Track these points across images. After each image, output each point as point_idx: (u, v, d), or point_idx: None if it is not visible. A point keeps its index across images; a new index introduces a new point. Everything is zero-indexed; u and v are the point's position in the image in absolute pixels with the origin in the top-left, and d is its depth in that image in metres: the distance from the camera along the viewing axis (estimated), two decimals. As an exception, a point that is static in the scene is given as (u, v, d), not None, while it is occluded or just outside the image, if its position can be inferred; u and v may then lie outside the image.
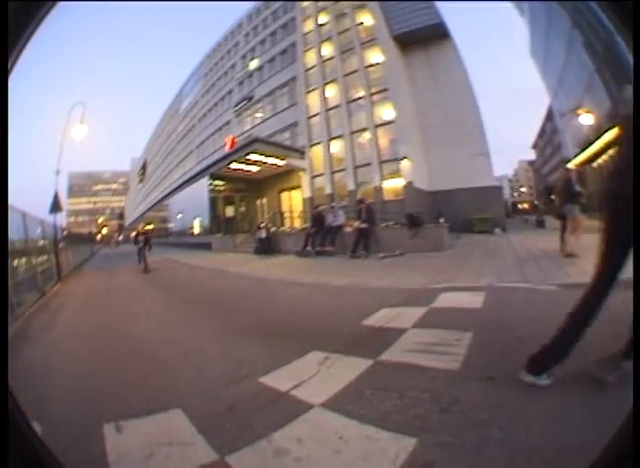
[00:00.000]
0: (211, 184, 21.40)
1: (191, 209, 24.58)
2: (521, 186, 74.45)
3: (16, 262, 5.74)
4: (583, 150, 19.98)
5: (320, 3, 23.51)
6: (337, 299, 4.59)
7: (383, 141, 18.38)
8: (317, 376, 2.07)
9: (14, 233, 5.57)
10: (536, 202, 39.93)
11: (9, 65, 0.69)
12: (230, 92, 28.57)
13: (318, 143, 20.15)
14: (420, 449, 1.20)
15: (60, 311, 5.30)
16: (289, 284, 6.04)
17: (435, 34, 20.02)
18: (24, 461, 0.57)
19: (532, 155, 64.87)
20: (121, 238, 55.88)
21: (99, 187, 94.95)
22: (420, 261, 7.51)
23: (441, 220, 13.39)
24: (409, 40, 20.85)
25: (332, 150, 19.79)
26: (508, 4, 30.41)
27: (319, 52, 21.84)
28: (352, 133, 19.12)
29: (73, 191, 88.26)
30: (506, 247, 9.44)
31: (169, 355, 2.75)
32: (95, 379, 2.32)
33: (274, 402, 1.77)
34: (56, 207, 9.89)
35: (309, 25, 23.32)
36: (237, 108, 26.62)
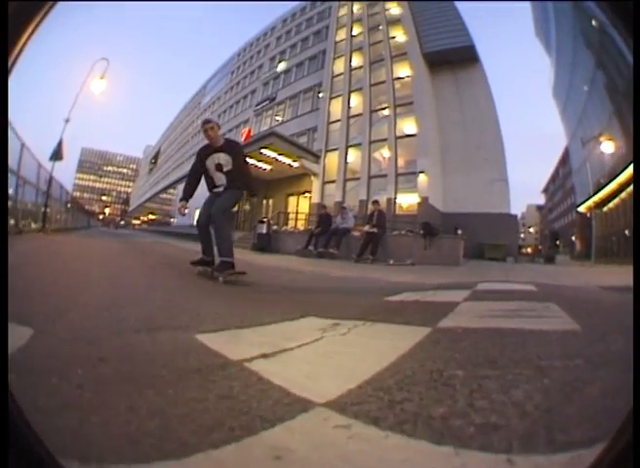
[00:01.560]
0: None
1: (195, 201, 25.22)
2: (529, 227, 75.00)
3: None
4: (600, 190, 20.24)
5: (356, 14, 24.68)
6: (346, 284, 4.41)
7: (403, 154, 18.75)
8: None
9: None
10: (540, 246, 40.01)
11: (9, 65, 0.69)
12: (254, 91, 29.53)
13: (335, 150, 20.51)
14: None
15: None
16: (286, 270, 5.78)
17: (465, 56, 20.55)
18: (25, 461, 0.57)
19: (541, 200, 65.14)
20: (122, 222, 56.87)
21: (109, 168, 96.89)
22: (435, 270, 7.16)
23: (459, 232, 13.54)
24: (438, 59, 21.29)
25: (348, 158, 20.14)
26: (537, 40, 31.28)
27: (349, 60, 22.62)
28: (372, 142, 19.52)
29: (83, 167, 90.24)
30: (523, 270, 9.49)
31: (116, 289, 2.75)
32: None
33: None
34: (57, 155, 9.90)
35: (342, 35, 24.32)
36: (258, 108, 27.47)
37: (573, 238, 24.33)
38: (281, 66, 27.45)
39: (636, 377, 0.65)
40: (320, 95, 22.49)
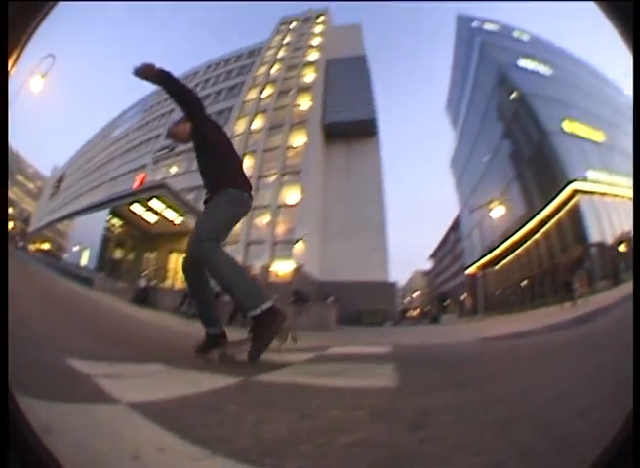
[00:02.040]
0: (109, 220, 20.89)
1: (85, 240, 23.55)
2: (414, 292, 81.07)
3: None
4: (492, 250, 22.76)
5: (272, 75, 26.09)
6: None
7: (283, 221, 19.37)
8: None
9: None
10: (426, 309, 43.27)
11: (9, 65, 0.71)
12: (158, 136, 29.22)
13: None
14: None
15: None
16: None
17: (364, 130, 22.56)
18: (25, 461, 0.58)
19: (428, 265, 70.75)
20: (21, 244, 50.18)
21: (19, 178, 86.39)
22: (303, 335, 7.45)
23: (329, 300, 14.03)
24: (336, 130, 22.91)
25: None
26: (445, 115, 35.23)
27: (250, 121, 23.47)
28: (254, 208, 20.07)
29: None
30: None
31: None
32: None
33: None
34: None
35: (252, 94, 25.40)
36: (157, 155, 27.05)
37: (462, 298, 26.46)
38: (189, 114, 27.58)
39: (636, 377, 0.68)
40: None
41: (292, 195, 19.65)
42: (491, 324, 9.24)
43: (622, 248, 18.68)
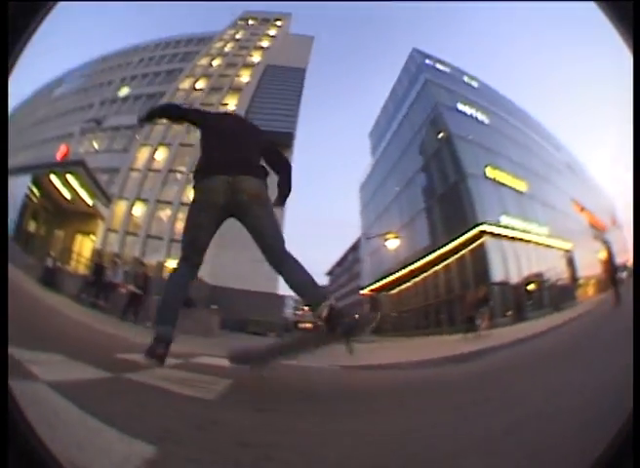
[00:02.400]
0: (30, 187, 19.86)
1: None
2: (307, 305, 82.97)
3: None
4: (387, 276, 23.29)
5: (211, 69, 25.44)
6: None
7: (181, 220, 18.96)
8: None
9: None
10: (320, 323, 44.11)
11: (9, 65, 0.70)
12: (91, 105, 27.78)
13: (126, 199, 19.85)
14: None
15: None
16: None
17: (279, 142, 22.32)
18: (24, 461, 0.57)
19: (324, 281, 73.06)
20: None
21: None
22: (185, 339, 7.68)
23: (213, 307, 13.85)
24: None
25: (134, 211, 19.59)
26: (367, 142, 35.44)
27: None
28: (158, 201, 19.39)
29: None
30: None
31: None
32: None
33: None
34: None
35: (186, 84, 24.65)
36: (84, 126, 25.76)
37: (356, 316, 26.91)
38: (123, 91, 26.49)
39: (636, 377, 0.69)
40: (137, 136, 22.02)
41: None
42: (374, 349, 8.58)
43: (531, 287, 20.26)
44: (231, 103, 22.57)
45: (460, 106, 23.86)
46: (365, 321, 2.44)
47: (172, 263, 17.76)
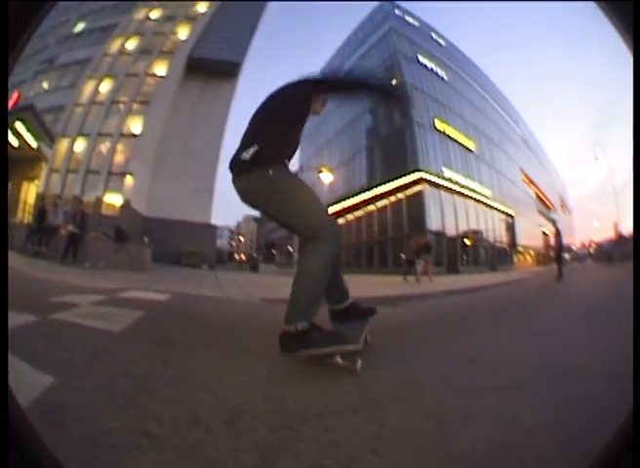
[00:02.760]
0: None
1: None
2: (240, 235, 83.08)
3: None
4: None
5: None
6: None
7: (122, 152, 18.54)
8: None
9: None
10: (255, 254, 43.38)
11: (9, 65, 0.68)
12: (47, 47, 26.83)
13: (68, 136, 19.16)
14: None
15: None
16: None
17: (225, 71, 21.64)
18: (25, 461, 0.57)
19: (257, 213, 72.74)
20: None
21: None
22: (118, 275, 6.88)
23: (145, 240, 13.52)
24: (199, 65, 21.80)
25: (76, 148, 19.01)
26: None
27: (124, 42, 21.90)
28: (99, 135, 18.89)
29: None
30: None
31: None
32: None
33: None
34: None
35: (140, 14, 23.71)
36: (37, 69, 24.80)
37: (290, 249, 26.70)
38: (78, 26, 25.59)
39: (636, 377, 0.68)
40: (89, 71, 21.48)
41: (136, 125, 18.88)
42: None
43: (468, 242, 20.85)
44: (183, 32, 22.14)
45: (421, 58, 23.82)
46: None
47: (109, 198, 17.80)
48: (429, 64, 24.27)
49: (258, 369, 1.42)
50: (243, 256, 46.50)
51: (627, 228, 20.96)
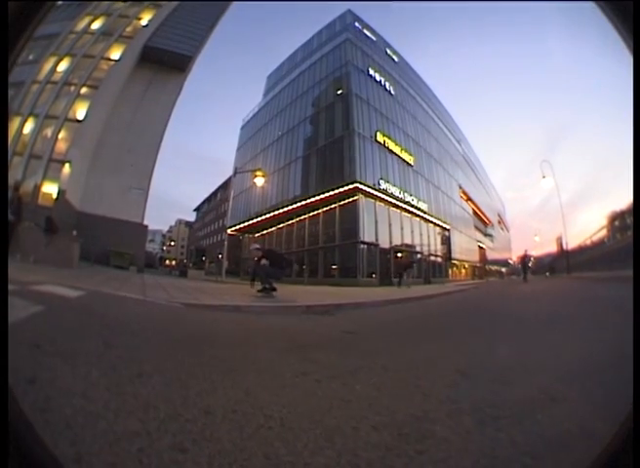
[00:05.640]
0: None
1: None
2: (172, 241, 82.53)
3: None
4: (255, 218, 23.75)
5: None
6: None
7: (65, 139, 18.78)
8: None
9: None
10: (185, 260, 44.36)
11: (9, 65, 0.71)
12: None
13: (21, 114, 19.24)
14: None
15: None
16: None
17: (176, 64, 22.21)
18: (25, 461, 0.58)
19: (192, 217, 68.10)
20: None
21: None
22: (44, 270, 7.15)
23: (74, 233, 13.20)
24: (152, 55, 22.11)
25: (25, 130, 19.10)
26: (263, 83, 34.97)
27: (90, 23, 22.27)
28: (47, 117, 19.05)
29: None
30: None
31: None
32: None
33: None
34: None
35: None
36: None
37: (220, 256, 26.45)
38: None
39: (636, 377, 0.67)
40: (53, 48, 21.67)
41: (82, 111, 19.46)
42: (224, 290, 8.03)
43: (401, 255, 21.19)
44: (146, 18, 22.75)
45: (372, 71, 24.79)
46: None
47: (47, 187, 18.02)
48: (379, 78, 25.47)
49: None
50: (173, 262, 46.12)
51: (572, 243, 22.36)
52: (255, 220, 23.16)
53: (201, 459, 0.92)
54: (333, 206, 20.57)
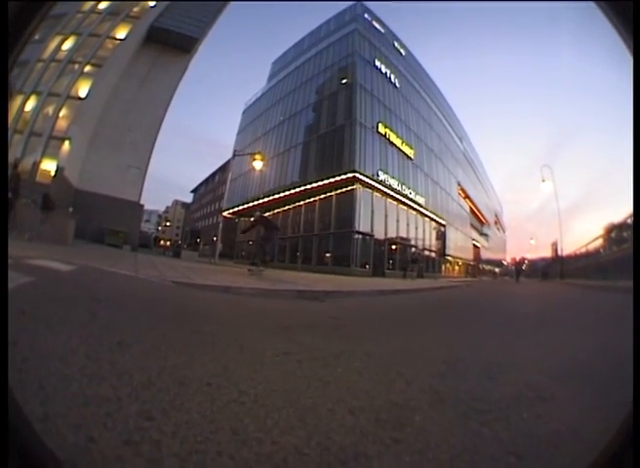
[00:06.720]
0: None
1: None
2: (168, 221, 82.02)
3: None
4: (251, 202, 24.44)
5: None
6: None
7: (66, 116, 18.74)
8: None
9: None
10: (179, 241, 44.13)
11: (9, 65, 0.70)
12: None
13: (23, 93, 19.31)
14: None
15: None
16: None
17: (182, 45, 22.21)
18: (25, 461, 0.57)
19: (189, 198, 70.20)
20: None
21: None
22: (39, 247, 7.13)
23: (70, 210, 13.40)
24: (158, 36, 22.12)
25: (27, 107, 19.20)
26: (268, 68, 35.10)
27: (98, 1, 22.06)
28: (49, 94, 19.07)
29: None
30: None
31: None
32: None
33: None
34: None
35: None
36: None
37: (215, 238, 26.90)
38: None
39: (636, 377, 0.66)
40: (59, 27, 21.57)
41: (84, 89, 19.41)
42: (216, 271, 7.87)
43: (395, 248, 22.08)
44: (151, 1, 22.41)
45: (378, 63, 24.64)
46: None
47: (45, 164, 18.07)
48: (384, 69, 25.26)
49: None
50: (167, 243, 46.52)
51: (566, 250, 22.29)
52: (251, 204, 23.29)
53: (166, 428, 0.90)
54: (330, 194, 20.82)
